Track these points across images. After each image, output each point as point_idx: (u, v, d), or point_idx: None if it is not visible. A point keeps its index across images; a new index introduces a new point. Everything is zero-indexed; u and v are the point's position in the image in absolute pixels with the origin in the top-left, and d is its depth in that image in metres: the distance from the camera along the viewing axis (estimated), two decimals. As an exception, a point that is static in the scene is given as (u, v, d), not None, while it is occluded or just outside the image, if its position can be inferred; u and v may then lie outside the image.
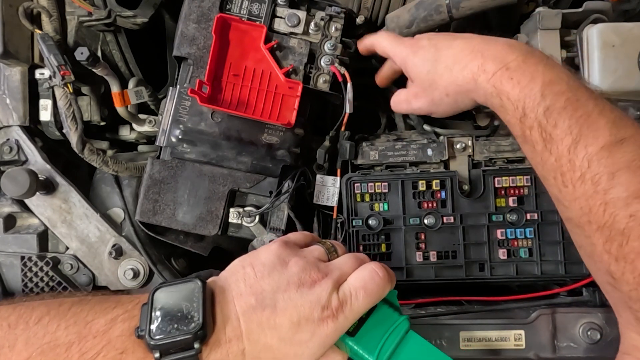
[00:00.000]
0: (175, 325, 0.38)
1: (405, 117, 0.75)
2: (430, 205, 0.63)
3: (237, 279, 0.43)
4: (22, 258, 0.65)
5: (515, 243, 0.62)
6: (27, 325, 0.40)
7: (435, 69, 0.54)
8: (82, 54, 0.61)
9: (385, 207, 0.64)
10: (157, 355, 0.38)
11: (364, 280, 0.43)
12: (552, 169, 0.46)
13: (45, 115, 0.67)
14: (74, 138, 0.61)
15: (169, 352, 0.38)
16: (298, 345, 0.40)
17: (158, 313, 0.39)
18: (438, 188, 0.63)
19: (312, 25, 0.63)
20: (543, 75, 0.46)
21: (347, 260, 0.45)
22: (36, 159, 0.66)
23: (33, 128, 0.68)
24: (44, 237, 0.65)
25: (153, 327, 0.38)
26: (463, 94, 0.53)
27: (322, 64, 0.63)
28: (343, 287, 0.42)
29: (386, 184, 0.64)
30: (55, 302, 0.43)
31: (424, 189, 0.63)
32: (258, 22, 0.62)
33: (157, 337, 0.38)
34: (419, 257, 0.63)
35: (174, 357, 0.38)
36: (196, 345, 0.38)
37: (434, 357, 0.43)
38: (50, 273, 0.64)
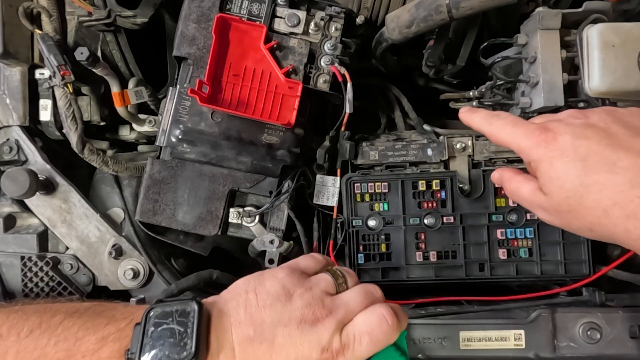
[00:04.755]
0: (167, 353, 0.37)
1: (405, 117, 0.75)
2: (430, 205, 0.63)
3: (238, 304, 0.41)
4: (22, 258, 0.65)
5: (515, 243, 0.62)
6: (18, 337, 0.40)
7: (581, 198, 0.38)
8: (82, 54, 0.61)
9: (385, 207, 0.64)
10: None
11: (371, 325, 0.40)
12: None
13: (45, 115, 0.67)
14: (74, 138, 0.61)
15: None
16: None
17: (150, 337, 0.38)
18: (438, 188, 0.63)
19: (312, 25, 0.63)
20: None
21: (355, 295, 0.43)
22: (36, 159, 0.66)
23: (33, 128, 0.68)
24: (44, 237, 0.66)
25: (144, 351, 0.37)
26: (611, 238, 0.39)
27: (322, 64, 0.63)
28: (347, 329, 0.40)
29: (386, 184, 0.64)
30: (48, 313, 0.42)
31: (424, 189, 0.63)
32: (258, 22, 0.62)
33: None
34: (419, 257, 0.63)
35: None
36: None
37: None
38: (50, 273, 0.64)
